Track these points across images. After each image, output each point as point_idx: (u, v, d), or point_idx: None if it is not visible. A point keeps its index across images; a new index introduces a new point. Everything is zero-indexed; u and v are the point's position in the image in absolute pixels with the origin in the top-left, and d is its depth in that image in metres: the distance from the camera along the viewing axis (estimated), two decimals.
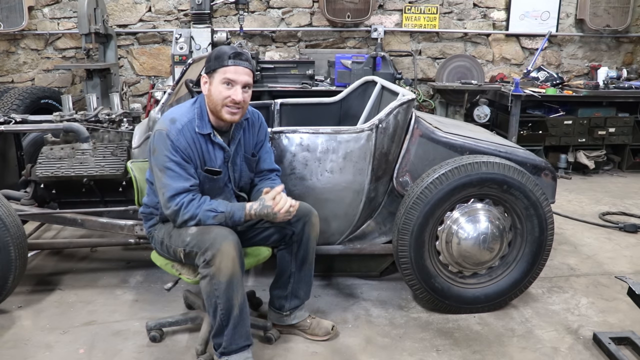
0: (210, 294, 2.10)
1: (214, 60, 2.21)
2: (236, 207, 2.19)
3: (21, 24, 5.69)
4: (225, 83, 2.19)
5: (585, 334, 2.61)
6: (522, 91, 5.38)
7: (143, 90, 6.19)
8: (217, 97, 2.20)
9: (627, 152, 5.75)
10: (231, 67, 2.19)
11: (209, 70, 2.23)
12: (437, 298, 2.71)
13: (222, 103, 2.20)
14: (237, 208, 2.19)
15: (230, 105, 2.20)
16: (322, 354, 2.43)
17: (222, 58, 2.19)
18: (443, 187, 2.58)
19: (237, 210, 2.18)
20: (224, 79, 2.19)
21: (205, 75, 2.25)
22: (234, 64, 2.19)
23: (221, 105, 2.21)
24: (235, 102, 2.20)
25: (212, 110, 2.25)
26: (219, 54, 2.21)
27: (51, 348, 2.44)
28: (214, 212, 2.16)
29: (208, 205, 2.17)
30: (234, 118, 2.24)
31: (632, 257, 3.54)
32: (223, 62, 2.19)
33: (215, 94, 2.20)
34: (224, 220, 2.16)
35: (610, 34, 6.36)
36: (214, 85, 2.21)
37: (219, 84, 2.19)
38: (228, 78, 2.19)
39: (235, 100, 2.19)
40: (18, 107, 4.24)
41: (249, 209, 2.19)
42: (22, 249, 2.63)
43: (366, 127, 2.69)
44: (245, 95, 2.22)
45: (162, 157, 2.17)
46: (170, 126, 2.18)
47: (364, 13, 5.84)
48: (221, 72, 2.19)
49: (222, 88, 2.19)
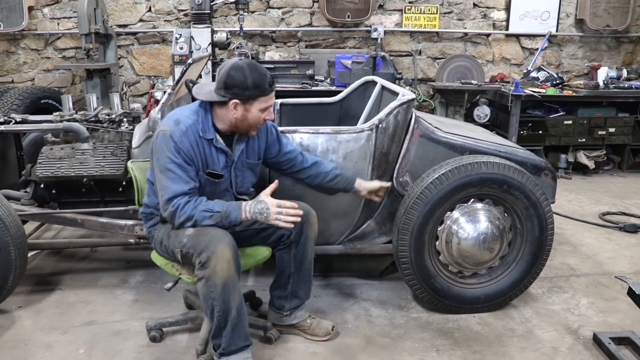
0: (206, 296, 2.10)
1: (252, 89, 2.15)
2: (232, 207, 2.18)
3: (21, 24, 5.70)
4: (265, 109, 2.23)
5: (585, 334, 2.61)
6: (522, 91, 5.38)
7: (143, 90, 6.19)
8: (254, 122, 2.24)
9: (627, 152, 5.75)
10: (271, 94, 2.23)
11: (247, 98, 2.17)
12: (437, 298, 2.72)
13: (256, 126, 2.26)
14: (234, 208, 2.18)
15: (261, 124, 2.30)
16: (322, 354, 2.43)
17: (263, 87, 2.18)
18: (443, 187, 2.58)
19: (233, 210, 2.17)
20: (265, 107, 2.22)
21: (237, 101, 2.17)
22: (272, 90, 2.23)
23: (255, 127, 2.27)
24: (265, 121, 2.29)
25: (237, 128, 2.26)
26: (257, 83, 2.15)
27: (51, 348, 2.44)
28: (210, 212, 2.15)
29: (204, 205, 2.16)
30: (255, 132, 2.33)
31: (632, 257, 3.54)
32: (265, 92, 2.19)
33: (253, 120, 2.23)
34: (220, 219, 2.16)
35: (610, 34, 6.36)
36: (252, 113, 2.20)
37: (258, 111, 2.21)
38: (269, 105, 2.23)
39: (267, 119, 2.28)
40: (18, 107, 4.24)
41: (245, 207, 2.18)
42: (22, 249, 2.63)
43: (366, 127, 2.69)
44: None
45: (164, 158, 2.16)
46: (174, 127, 2.18)
47: (364, 13, 5.84)
48: (262, 101, 2.20)
49: (260, 114, 2.22)
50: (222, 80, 2.18)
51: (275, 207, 2.16)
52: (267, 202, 2.17)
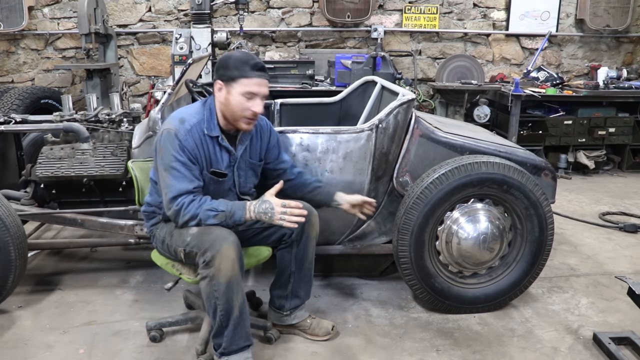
0: (209, 295, 2.10)
1: (233, 69, 2.15)
2: (237, 207, 2.18)
3: (21, 24, 5.70)
4: (247, 95, 2.17)
5: (585, 334, 2.61)
6: (522, 91, 5.38)
7: (143, 90, 6.19)
8: (236, 108, 2.19)
9: (627, 152, 5.75)
10: (254, 79, 2.17)
11: (228, 79, 2.18)
12: (437, 298, 2.72)
13: (241, 114, 2.20)
14: (238, 207, 2.18)
15: (250, 116, 2.21)
16: (322, 354, 2.43)
17: (244, 68, 2.15)
18: (443, 187, 2.58)
19: (237, 210, 2.17)
20: (247, 92, 2.16)
21: (221, 82, 2.20)
22: (257, 76, 2.17)
23: (240, 116, 2.21)
24: (256, 114, 2.21)
25: (226, 118, 2.25)
26: (238, 63, 2.16)
27: (51, 348, 2.44)
28: (215, 211, 2.15)
29: (208, 204, 2.16)
30: (249, 128, 2.26)
31: (632, 257, 3.54)
32: (245, 73, 2.15)
33: (235, 105, 2.18)
34: (225, 219, 2.16)
35: (610, 34, 6.36)
36: (233, 96, 2.17)
37: (239, 95, 2.17)
38: (251, 91, 2.17)
39: (256, 113, 2.20)
40: (18, 107, 4.24)
41: (249, 206, 2.18)
42: (22, 249, 2.63)
43: (366, 127, 2.69)
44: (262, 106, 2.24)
45: (169, 156, 2.16)
46: (179, 126, 2.18)
47: (364, 13, 5.84)
48: (243, 83, 2.16)
49: (242, 100, 2.17)
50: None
51: (280, 207, 2.14)
52: (272, 202, 2.15)
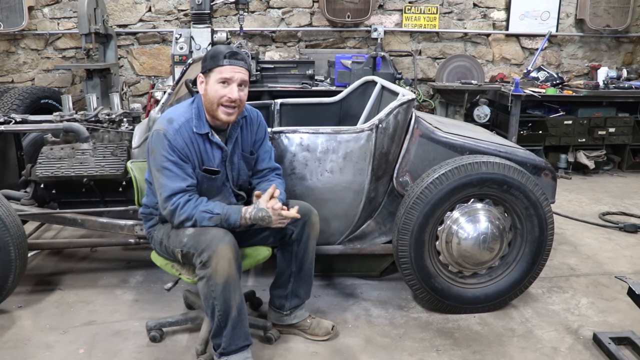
0: (207, 296, 2.10)
1: (209, 60, 2.21)
2: (232, 210, 2.18)
3: (21, 24, 5.69)
4: (222, 82, 2.19)
5: (585, 334, 2.61)
6: (522, 91, 5.38)
7: (143, 90, 6.19)
8: (213, 96, 2.19)
9: (627, 152, 5.75)
10: (227, 66, 2.18)
11: (205, 70, 2.23)
12: (437, 298, 2.71)
13: (218, 102, 2.20)
14: (233, 211, 2.18)
15: (227, 104, 2.20)
16: (322, 354, 2.43)
17: (218, 57, 2.19)
18: (443, 187, 2.58)
19: (232, 214, 2.17)
20: (220, 78, 2.18)
21: (201, 75, 2.25)
22: (230, 63, 2.18)
23: (217, 104, 2.20)
24: (232, 100, 2.19)
25: (208, 110, 2.25)
26: (214, 53, 2.21)
27: (51, 348, 2.44)
28: (210, 214, 2.16)
29: (204, 206, 2.17)
30: (230, 118, 2.24)
31: (632, 257, 3.54)
32: (219, 62, 2.18)
33: (211, 93, 2.20)
34: (220, 222, 2.16)
35: (610, 34, 6.36)
36: (209, 85, 2.21)
37: (214, 83, 2.19)
38: (224, 77, 2.18)
39: (231, 99, 2.19)
40: (18, 107, 4.24)
41: (245, 212, 2.19)
42: (22, 249, 2.63)
43: (366, 127, 2.69)
44: (241, 93, 2.22)
45: (160, 157, 2.17)
46: (167, 126, 2.18)
47: (364, 13, 5.84)
48: (217, 71, 2.19)
49: (218, 87, 2.19)
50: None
51: (277, 217, 2.17)
52: (269, 211, 2.16)
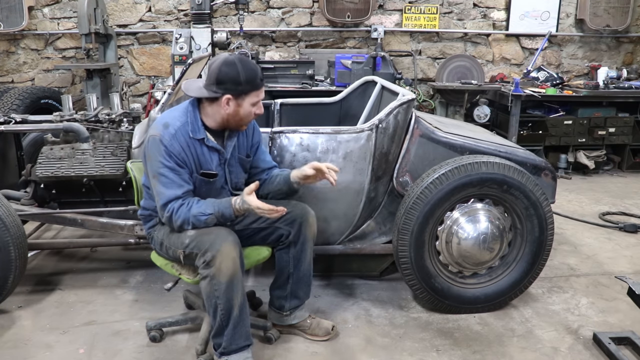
0: (210, 295, 2.11)
1: (245, 85, 2.16)
2: (223, 206, 2.17)
3: (21, 24, 5.69)
4: (255, 103, 2.23)
5: (585, 334, 2.61)
6: (522, 91, 5.38)
7: (143, 90, 6.19)
8: (244, 115, 2.23)
9: (627, 152, 5.75)
10: (261, 88, 2.23)
11: (239, 93, 2.17)
12: (437, 298, 2.72)
13: (248, 120, 2.26)
14: (225, 206, 2.17)
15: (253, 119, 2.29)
16: (322, 354, 2.43)
17: (255, 82, 2.18)
18: (443, 187, 2.58)
19: (225, 209, 2.17)
20: (257, 101, 2.22)
21: (232, 97, 2.17)
22: (263, 86, 2.24)
23: (247, 121, 2.27)
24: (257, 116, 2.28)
25: (228, 124, 2.25)
26: (249, 78, 2.16)
27: (51, 348, 2.45)
28: (204, 215, 2.15)
29: (196, 208, 2.16)
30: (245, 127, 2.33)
31: (632, 257, 3.54)
32: (257, 87, 2.20)
33: (244, 114, 2.22)
34: (216, 220, 2.17)
35: (610, 34, 6.36)
36: (244, 107, 2.20)
37: (250, 105, 2.21)
38: (259, 100, 2.24)
39: (259, 115, 2.27)
40: (18, 107, 4.24)
41: (234, 204, 2.17)
42: (22, 249, 2.63)
43: (366, 127, 2.69)
44: None
45: (156, 163, 2.16)
46: (163, 131, 2.17)
47: (364, 13, 5.83)
48: (254, 95, 2.20)
49: (251, 109, 2.23)
50: (213, 76, 2.17)
51: (257, 210, 2.14)
52: (250, 204, 2.13)
